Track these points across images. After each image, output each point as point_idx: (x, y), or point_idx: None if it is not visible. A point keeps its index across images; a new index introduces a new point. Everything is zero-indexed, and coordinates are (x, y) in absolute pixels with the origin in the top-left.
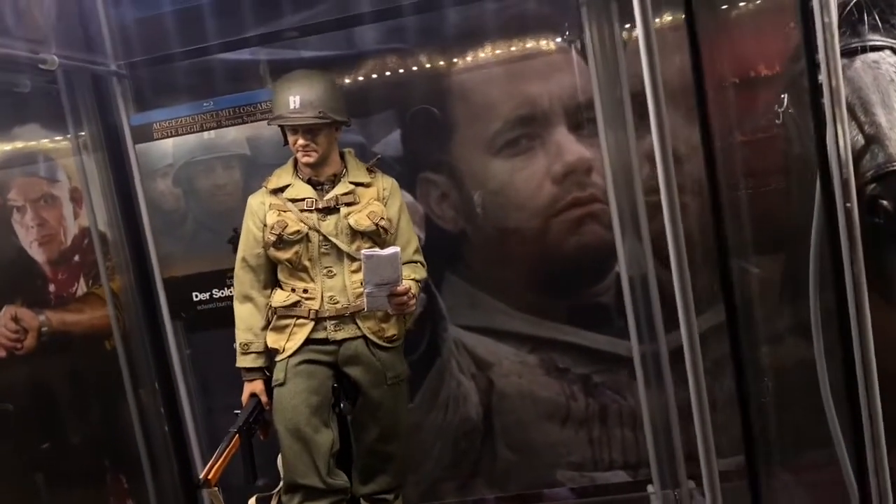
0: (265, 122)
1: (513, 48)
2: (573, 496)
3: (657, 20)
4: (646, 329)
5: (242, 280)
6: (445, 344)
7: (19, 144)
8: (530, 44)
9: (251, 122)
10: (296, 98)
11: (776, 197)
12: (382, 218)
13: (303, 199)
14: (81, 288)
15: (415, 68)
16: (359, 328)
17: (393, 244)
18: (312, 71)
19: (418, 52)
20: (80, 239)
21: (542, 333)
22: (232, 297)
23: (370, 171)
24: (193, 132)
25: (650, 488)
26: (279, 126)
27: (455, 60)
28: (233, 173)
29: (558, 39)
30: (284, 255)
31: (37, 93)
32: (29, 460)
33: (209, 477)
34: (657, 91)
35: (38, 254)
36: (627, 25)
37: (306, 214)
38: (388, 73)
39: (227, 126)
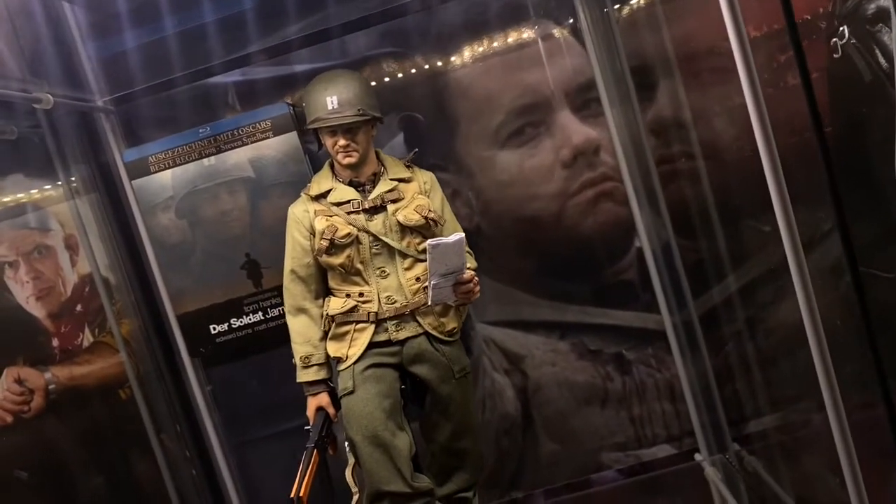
0: (267, 139)
1: (506, 39)
2: (621, 477)
3: None
4: (673, 299)
5: (294, 292)
6: (475, 343)
7: (4, 197)
8: (523, 32)
9: (251, 143)
10: (333, 98)
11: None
12: (430, 210)
13: (348, 202)
14: (87, 338)
15: (411, 70)
16: (420, 325)
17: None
18: (343, 70)
19: (412, 53)
20: (81, 287)
21: (570, 318)
22: (253, 323)
23: (407, 166)
24: (192, 160)
25: (697, 456)
26: (313, 129)
27: (450, 58)
28: (238, 197)
29: (551, 23)
30: (337, 260)
31: (18, 139)
32: None
33: (301, 494)
34: (745, 47)
35: (36, 309)
36: (617, 6)
37: (353, 216)
38: (386, 79)
39: (226, 150)
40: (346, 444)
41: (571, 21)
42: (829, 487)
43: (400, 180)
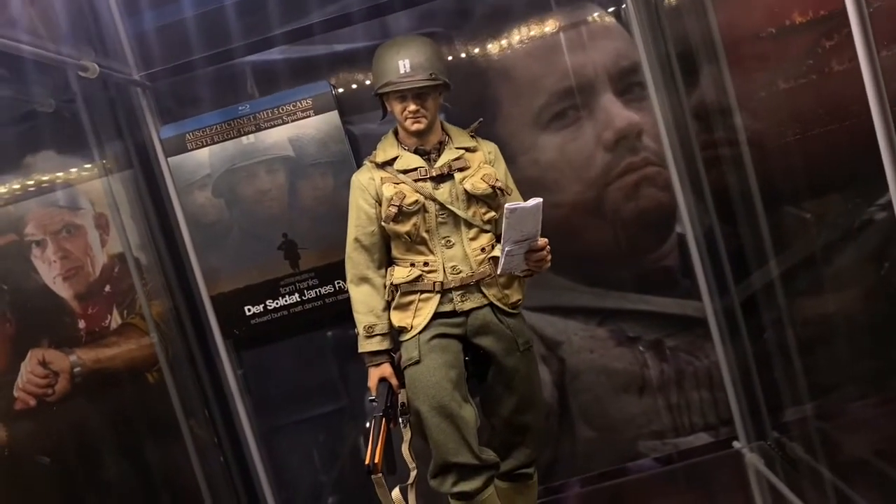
0: (308, 118)
1: (550, 20)
2: (658, 465)
3: None
4: (715, 285)
5: (357, 261)
6: None
7: (34, 174)
8: (568, 14)
9: (292, 121)
10: (405, 62)
11: None
12: (497, 179)
13: (414, 169)
14: (115, 320)
15: (453, 51)
16: (484, 296)
17: (502, 207)
18: (414, 35)
19: (455, 34)
20: (110, 268)
21: (610, 304)
22: (289, 305)
23: (472, 136)
24: (231, 138)
25: (736, 444)
26: (378, 96)
27: (493, 39)
28: (277, 177)
29: (596, 6)
30: (403, 227)
31: (51, 114)
32: None
33: (376, 461)
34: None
35: (63, 289)
36: None
37: (420, 184)
38: None
39: (266, 129)
40: (401, 419)
41: (617, 4)
42: (881, 472)
43: (465, 149)
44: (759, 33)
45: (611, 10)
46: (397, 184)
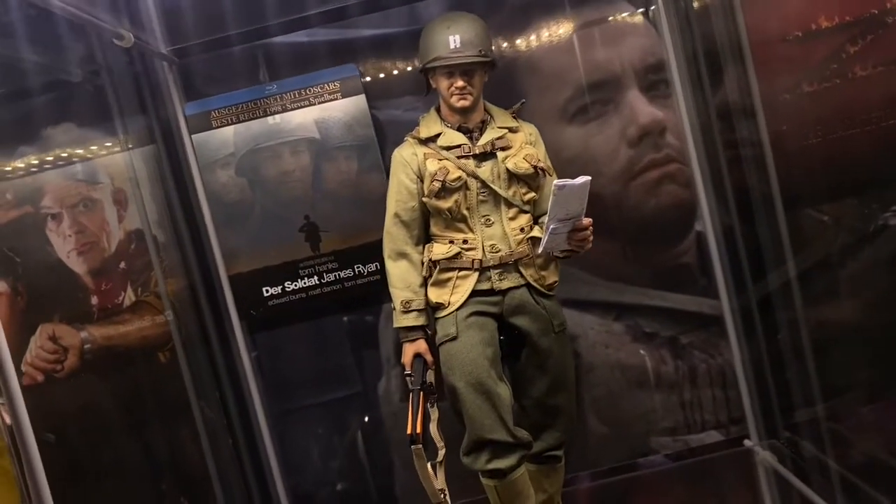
0: (335, 101)
1: (579, 14)
2: (668, 462)
3: None
4: (733, 284)
5: (395, 236)
6: None
7: (54, 145)
8: (596, 9)
9: (318, 103)
10: (455, 38)
11: None
12: (539, 160)
13: (458, 146)
14: (129, 297)
15: None
16: (522, 276)
17: (543, 190)
18: (463, 12)
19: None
20: (127, 244)
21: (627, 300)
22: (308, 288)
23: (514, 116)
24: (256, 118)
25: (747, 443)
26: (425, 70)
27: (521, 30)
28: (301, 158)
29: (625, 3)
30: (445, 203)
31: (74, 86)
32: (80, 494)
33: (418, 431)
34: None
35: (77, 264)
36: None
37: (463, 161)
38: None
39: (292, 109)
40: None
41: (646, 2)
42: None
43: (507, 129)
44: (786, 36)
45: (640, 8)
46: (441, 160)
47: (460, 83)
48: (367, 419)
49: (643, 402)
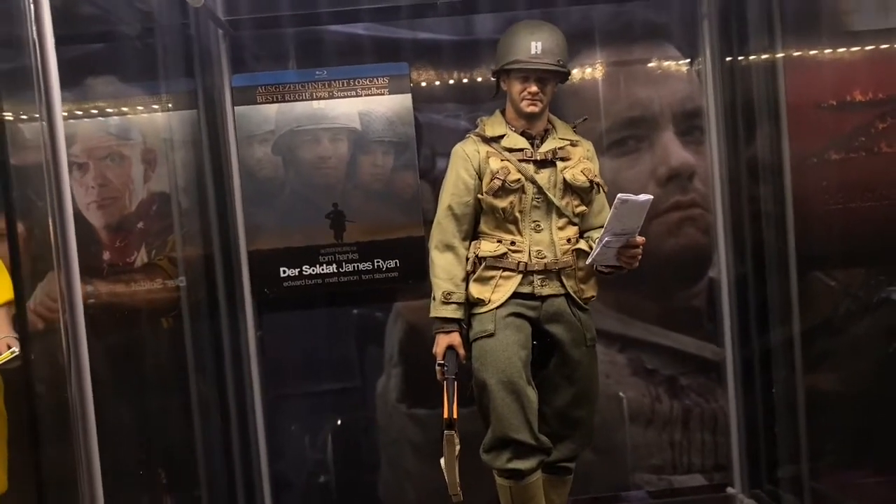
0: (381, 96)
1: (626, 51)
2: (650, 499)
3: None
4: (738, 333)
5: (445, 228)
6: None
7: (93, 96)
8: (645, 49)
9: (365, 95)
10: (538, 44)
11: None
12: (596, 175)
13: (521, 150)
14: (142, 258)
15: None
16: (563, 286)
17: (593, 205)
18: (546, 22)
19: None
20: (148, 205)
21: (633, 333)
22: (325, 274)
23: (574, 130)
24: (301, 100)
25: (730, 490)
26: (499, 72)
27: (573, 56)
28: (339, 146)
29: (672, 48)
30: (501, 203)
31: (122, 41)
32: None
33: (455, 417)
34: None
35: (95, 217)
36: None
37: (524, 165)
38: None
39: (338, 98)
40: None
41: (693, 51)
42: None
43: (568, 141)
44: (822, 104)
45: (687, 57)
46: (503, 160)
47: (534, 88)
48: (361, 415)
49: (634, 435)
